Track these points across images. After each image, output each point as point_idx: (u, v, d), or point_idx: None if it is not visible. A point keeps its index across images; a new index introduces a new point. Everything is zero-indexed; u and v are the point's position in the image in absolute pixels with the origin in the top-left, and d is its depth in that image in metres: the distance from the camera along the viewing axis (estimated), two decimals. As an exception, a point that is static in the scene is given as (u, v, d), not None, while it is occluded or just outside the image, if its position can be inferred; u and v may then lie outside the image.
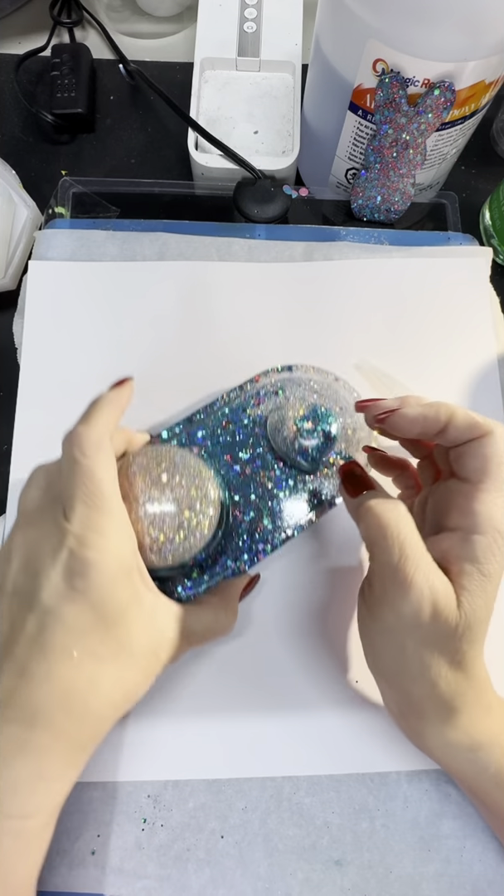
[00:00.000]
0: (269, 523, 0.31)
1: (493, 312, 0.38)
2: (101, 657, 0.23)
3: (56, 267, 0.37)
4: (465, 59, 0.30)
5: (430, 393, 0.35)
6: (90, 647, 0.22)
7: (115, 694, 0.23)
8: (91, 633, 0.22)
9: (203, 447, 0.32)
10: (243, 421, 0.32)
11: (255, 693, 0.31)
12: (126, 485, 0.27)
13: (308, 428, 0.30)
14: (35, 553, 0.23)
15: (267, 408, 0.32)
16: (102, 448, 0.23)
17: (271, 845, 0.29)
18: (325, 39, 0.34)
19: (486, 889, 0.29)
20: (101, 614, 0.22)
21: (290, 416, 0.31)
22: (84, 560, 0.22)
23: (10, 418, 0.35)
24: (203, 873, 0.29)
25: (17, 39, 0.49)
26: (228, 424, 0.32)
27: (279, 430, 0.31)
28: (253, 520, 0.31)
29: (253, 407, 0.32)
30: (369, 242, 0.39)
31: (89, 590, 0.22)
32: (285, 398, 0.32)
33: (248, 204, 0.39)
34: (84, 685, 0.22)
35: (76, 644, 0.22)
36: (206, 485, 0.28)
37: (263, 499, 0.31)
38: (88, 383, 0.35)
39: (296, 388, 0.33)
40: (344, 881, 0.29)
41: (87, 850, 0.29)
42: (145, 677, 0.25)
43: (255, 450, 0.32)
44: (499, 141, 0.46)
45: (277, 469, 0.32)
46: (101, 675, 0.23)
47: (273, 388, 0.33)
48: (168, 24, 0.49)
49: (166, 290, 0.37)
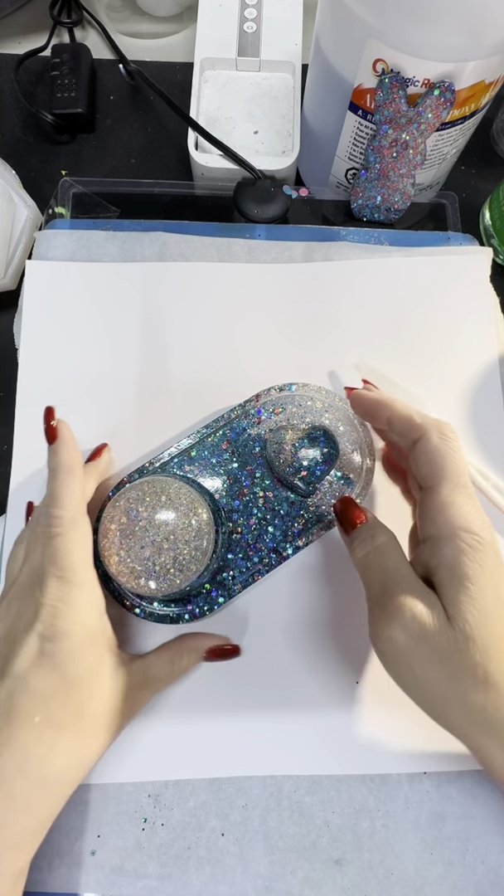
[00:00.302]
0: (266, 544, 0.31)
1: (493, 312, 0.38)
2: (61, 724, 0.24)
3: (54, 267, 0.37)
4: (465, 59, 0.30)
5: (430, 393, 0.36)
6: (51, 713, 0.24)
7: (72, 758, 0.25)
8: (53, 698, 0.24)
9: (201, 468, 0.32)
10: (243, 441, 0.32)
11: (256, 693, 0.31)
12: (121, 519, 0.28)
13: (306, 452, 0.30)
14: (15, 623, 0.26)
15: (266, 427, 0.32)
16: (76, 524, 0.26)
17: (272, 843, 0.29)
18: (325, 39, 0.34)
19: (489, 892, 0.29)
20: (64, 677, 0.24)
21: (288, 438, 0.31)
22: (54, 629, 0.24)
23: (10, 418, 0.35)
24: (204, 871, 0.29)
25: (17, 39, 0.49)
26: (228, 444, 0.32)
27: (278, 453, 0.31)
28: (249, 542, 0.31)
29: (254, 427, 0.32)
30: (369, 242, 0.39)
31: (56, 654, 0.24)
32: (285, 418, 0.32)
33: (248, 204, 0.39)
34: (43, 750, 0.24)
35: (39, 709, 0.24)
36: (200, 516, 0.28)
37: (260, 521, 0.31)
38: (87, 383, 0.35)
39: (296, 409, 0.33)
40: (344, 880, 0.29)
41: (87, 851, 0.29)
42: (105, 738, 0.26)
43: (255, 471, 0.32)
44: (499, 141, 0.46)
45: (275, 491, 0.32)
46: (59, 741, 0.24)
47: (273, 406, 0.33)
48: (168, 24, 0.49)
49: (166, 291, 0.37)
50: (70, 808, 0.29)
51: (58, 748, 0.24)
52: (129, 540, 0.28)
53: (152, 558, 0.27)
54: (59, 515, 0.26)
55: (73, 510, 0.27)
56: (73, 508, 0.27)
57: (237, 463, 0.32)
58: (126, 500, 0.28)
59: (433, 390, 0.36)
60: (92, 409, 0.35)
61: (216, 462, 0.32)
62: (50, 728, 0.24)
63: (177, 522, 0.28)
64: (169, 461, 0.32)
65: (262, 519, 0.31)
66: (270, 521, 0.31)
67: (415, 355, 0.37)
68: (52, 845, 0.29)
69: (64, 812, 0.29)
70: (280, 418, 0.32)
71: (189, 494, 0.28)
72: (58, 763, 0.24)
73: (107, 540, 0.28)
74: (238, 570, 0.31)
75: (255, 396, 0.33)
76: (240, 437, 0.32)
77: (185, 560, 0.27)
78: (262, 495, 0.31)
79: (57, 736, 0.24)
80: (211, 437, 0.32)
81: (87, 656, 0.25)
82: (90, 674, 0.25)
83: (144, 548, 0.28)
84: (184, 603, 0.30)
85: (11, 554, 0.29)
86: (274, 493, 0.32)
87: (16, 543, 0.30)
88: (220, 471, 0.32)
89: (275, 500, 0.31)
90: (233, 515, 0.31)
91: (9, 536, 0.33)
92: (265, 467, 0.32)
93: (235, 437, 0.32)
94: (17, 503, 0.33)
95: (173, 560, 0.27)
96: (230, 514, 0.31)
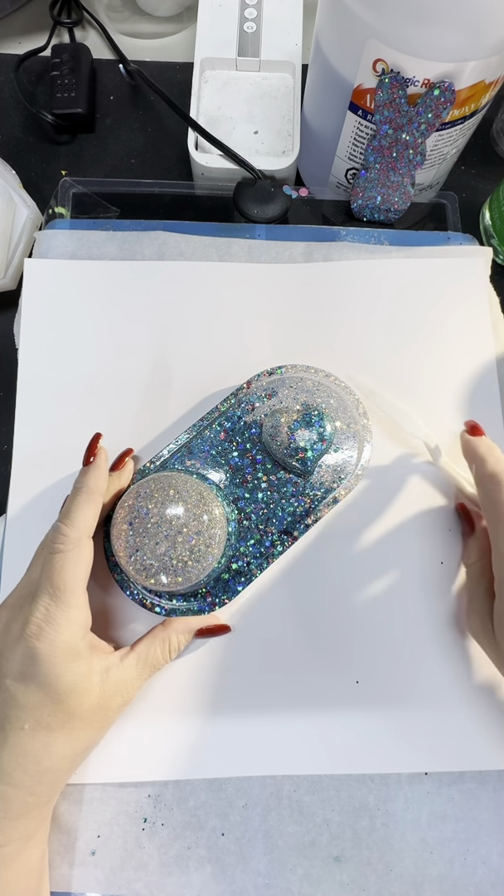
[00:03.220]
0: (276, 526, 0.31)
1: (492, 312, 0.38)
2: (52, 727, 0.26)
3: (53, 265, 0.37)
4: (465, 59, 0.30)
5: (428, 393, 0.36)
6: (41, 719, 0.26)
7: (67, 751, 0.27)
8: (41, 708, 0.26)
9: (202, 461, 0.32)
10: (240, 429, 0.32)
11: (256, 693, 0.31)
12: (132, 518, 0.28)
13: (302, 432, 0.30)
14: (6, 634, 0.27)
15: (261, 413, 0.32)
16: (80, 545, 0.27)
17: (271, 842, 0.29)
18: (325, 39, 0.34)
19: (489, 892, 0.29)
20: (49, 693, 0.26)
21: (283, 421, 0.31)
22: (34, 651, 0.25)
23: (11, 418, 0.35)
24: (204, 871, 0.29)
25: (17, 39, 0.49)
26: (225, 434, 0.32)
27: (274, 436, 0.31)
28: (259, 526, 0.31)
29: (248, 414, 0.33)
30: (369, 242, 0.39)
31: (38, 675, 0.26)
32: (278, 401, 0.33)
33: (248, 204, 0.39)
34: (37, 749, 0.26)
35: (27, 719, 0.26)
36: (209, 505, 0.28)
37: (267, 504, 0.31)
38: (88, 382, 0.35)
39: (288, 391, 0.33)
40: (343, 877, 0.29)
41: (88, 851, 0.29)
42: (97, 731, 0.28)
43: (255, 457, 0.32)
44: (499, 141, 0.46)
45: (278, 474, 0.32)
46: (52, 740, 0.26)
47: (265, 391, 0.33)
48: (168, 24, 0.49)
49: (165, 290, 0.37)
50: (70, 808, 0.29)
51: (52, 746, 0.26)
52: (143, 538, 0.28)
53: (168, 553, 0.28)
54: (66, 533, 0.27)
55: (81, 531, 0.27)
56: (82, 529, 0.27)
57: (237, 451, 0.32)
58: (134, 499, 0.28)
59: (432, 389, 0.36)
60: (92, 408, 0.35)
61: (216, 453, 0.32)
62: (42, 730, 0.26)
63: (188, 514, 0.28)
64: (169, 458, 0.32)
65: (269, 502, 0.31)
66: (277, 504, 0.31)
67: (414, 355, 0.36)
68: (52, 845, 0.29)
69: (64, 812, 0.29)
70: (273, 402, 0.33)
71: (196, 486, 0.29)
72: (53, 758, 0.26)
73: (120, 541, 0.28)
74: (252, 556, 0.31)
75: (246, 383, 0.33)
76: (236, 425, 0.32)
77: (200, 550, 0.28)
78: (265, 479, 0.32)
79: (50, 735, 0.26)
80: (207, 430, 0.32)
81: (70, 672, 0.26)
82: (75, 686, 0.26)
83: (159, 543, 0.28)
84: (203, 596, 0.30)
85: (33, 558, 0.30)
86: (277, 475, 0.32)
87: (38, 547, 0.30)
88: (221, 461, 0.32)
89: (279, 483, 0.32)
90: (240, 503, 0.31)
91: (9, 536, 0.33)
92: (265, 452, 0.32)
93: (232, 427, 0.32)
94: (17, 503, 0.33)
95: (190, 552, 0.28)
96: (237, 501, 0.31)
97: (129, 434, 0.34)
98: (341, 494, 0.32)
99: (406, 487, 0.34)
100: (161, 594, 0.30)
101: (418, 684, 0.31)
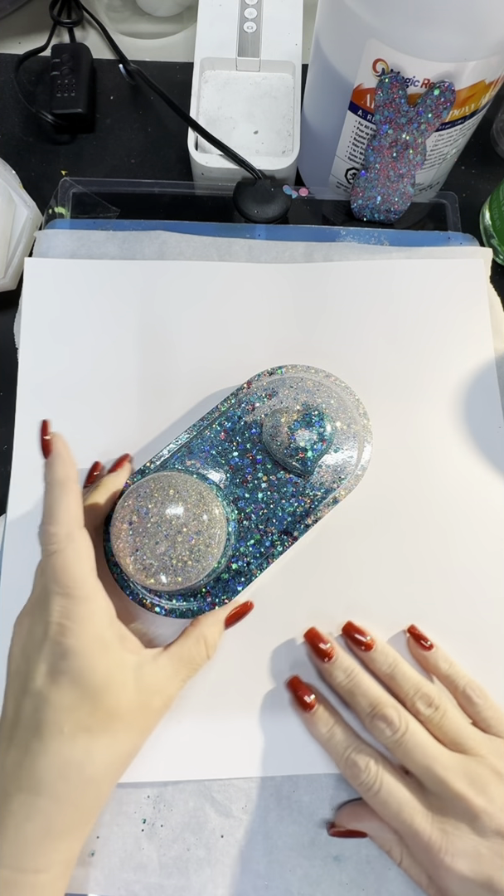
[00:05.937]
0: (276, 526, 0.31)
1: (492, 313, 0.38)
2: (93, 729, 0.25)
3: (53, 265, 0.37)
4: (465, 59, 0.30)
5: (427, 393, 0.36)
6: (80, 722, 0.25)
7: (110, 757, 0.26)
8: (78, 709, 0.25)
9: (202, 461, 0.32)
10: (240, 429, 0.32)
11: (255, 693, 0.31)
12: (132, 518, 0.28)
13: (302, 433, 0.30)
14: (30, 640, 0.26)
15: (261, 413, 0.32)
16: (73, 538, 0.26)
17: (270, 843, 0.29)
18: (325, 39, 0.34)
19: None
20: (85, 690, 0.25)
21: (283, 421, 0.31)
22: (63, 647, 0.25)
23: (10, 418, 0.35)
24: (203, 872, 0.29)
25: (17, 39, 0.49)
26: (225, 434, 0.32)
27: (274, 436, 0.31)
28: (259, 526, 0.31)
29: (248, 414, 0.32)
30: (369, 243, 0.39)
31: (70, 671, 0.25)
32: (278, 401, 0.33)
33: (248, 204, 0.39)
34: (80, 756, 0.25)
35: (66, 720, 0.24)
36: (209, 505, 0.28)
37: (267, 504, 0.31)
38: (87, 382, 0.35)
39: (288, 391, 0.33)
40: (342, 876, 0.29)
41: (87, 852, 0.29)
42: (140, 734, 0.27)
43: (255, 457, 0.32)
44: (499, 141, 0.46)
45: (278, 474, 0.32)
46: (94, 745, 0.25)
47: (265, 391, 0.33)
48: (168, 24, 0.49)
49: (166, 289, 0.37)
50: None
51: (94, 752, 0.25)
52: (143, 537, 0.28)
53: (168, 552, 0.28)
54: (54, 532, 0.26)
55: (68, 525, 0.26)
56: (68, 523, 0.26)
57: (237, 451, 0.32)
58: (134, 498, 0.28)
59: (431, 389, 0.36)
60: (92, 408, 0.35)
61: (216, 453, 0.32)
62: (84, 734, 0.25)
63: (188, 514, 0.28)
64: (169, 458, 0.32)
65: (269, 502, 0.31)
66: (277, 504, 0.31)
67: (414, 355, 0.36)
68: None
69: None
70: (273, 402, 0.32)
71: (196, 485, 0.29)
72: (96, 765, 0.25)
73: (120, 541, 0.28)
74: (252, 556, 0.31)
75: (246, 383, 0.33)
76: (236, 425, 0.32)
77: (200, 550, 0.28)
78: (265, 479, 0.32)
79: (92, 740, 0.25)
80: (208, 430, 0.32)
81: (102, 664, 0.25)
82: (111, 680, 0.25)
83: (159, 543, 0.28)
84: (203, 596, 0.30)
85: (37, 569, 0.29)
86: (277, 475, 0.32)
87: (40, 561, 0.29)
88: (221, 461, 0.32)
89: (279, 483, 0.32)
90: (239, 503, 0.31)
91: (9, 536, 0.33)
92: (265, 452, 0.32)
93: (232, 427, 0.32)
94: (17, 503, 0.33)
95: (189, 551, 0.28)
96: (236, 501, 0.31)
97: (129, 434, 0.34)
98: (341, 494, 0.32)
99: (406, 487, 0.34)
100: (161, 594, 0.30)
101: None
